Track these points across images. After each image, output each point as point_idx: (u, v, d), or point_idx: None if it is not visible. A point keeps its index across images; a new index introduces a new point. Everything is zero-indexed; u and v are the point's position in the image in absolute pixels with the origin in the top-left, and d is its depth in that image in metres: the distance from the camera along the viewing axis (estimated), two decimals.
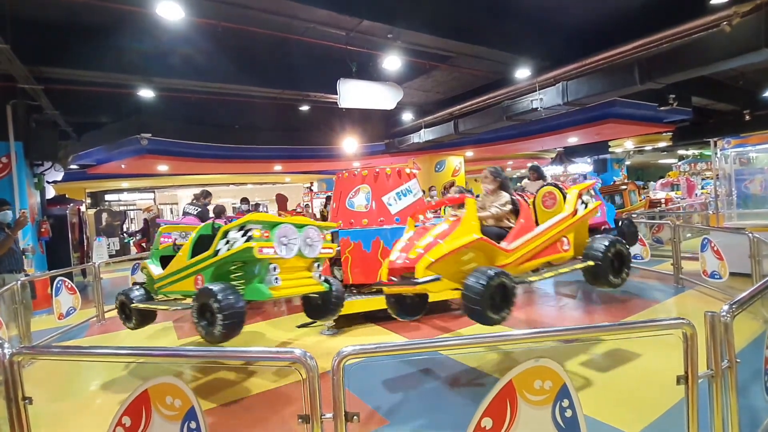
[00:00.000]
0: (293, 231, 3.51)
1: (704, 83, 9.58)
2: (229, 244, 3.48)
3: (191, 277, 3.75)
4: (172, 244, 4.50)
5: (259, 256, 3.27)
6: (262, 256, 3.29)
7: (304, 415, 1.69)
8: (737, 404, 1.97)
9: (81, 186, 15.77)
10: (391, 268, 3.46)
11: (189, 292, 3.80)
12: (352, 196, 5.50)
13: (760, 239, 4.63)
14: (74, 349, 3.35)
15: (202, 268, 3.66)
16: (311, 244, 3.61)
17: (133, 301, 4.18)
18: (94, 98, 8.82)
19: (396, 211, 5.37)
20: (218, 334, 3.16)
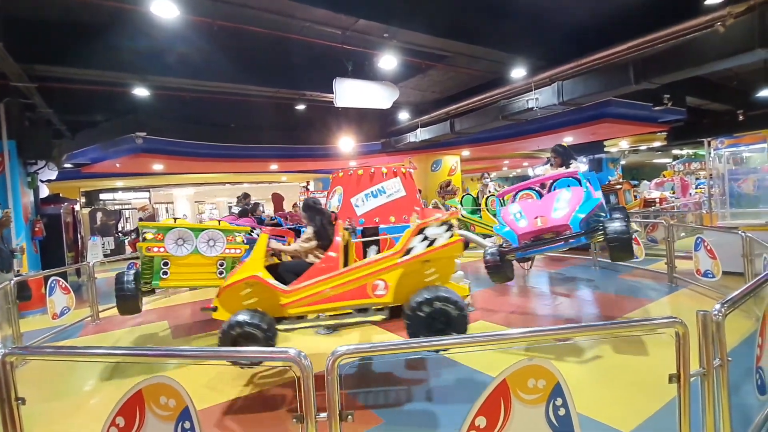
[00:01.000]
0: (188, 234, 4.44)
1: (698, 83, 9.64)
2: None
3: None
4: None
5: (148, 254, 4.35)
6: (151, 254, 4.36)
7: (299, 415, 1.69)
8: (729, 402, 1.99)
9: (75, 185, 15.66)
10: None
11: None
12: (331, 197, 5.58)
13: (752, 238, 4.67)
14: (67, 349, 3.33)
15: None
16: (213, 245, 4.50)
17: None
18: (88, 97, 8.75)
19: (361, 212, 5.35)
20: None
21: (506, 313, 5.38)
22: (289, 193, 18.85)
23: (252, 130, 11.98)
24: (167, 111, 10.26)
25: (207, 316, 6.20)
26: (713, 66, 6.33)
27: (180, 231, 4.44)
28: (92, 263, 6.50)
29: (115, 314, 6.48)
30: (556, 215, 4.11)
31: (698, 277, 5.56)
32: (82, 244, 11.26)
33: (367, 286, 3.26)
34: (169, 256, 4.42)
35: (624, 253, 3.98)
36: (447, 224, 3.30)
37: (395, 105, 8.85)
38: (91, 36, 6.71)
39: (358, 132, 12.44)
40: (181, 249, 4.45)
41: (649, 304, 5.35)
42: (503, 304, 5.73)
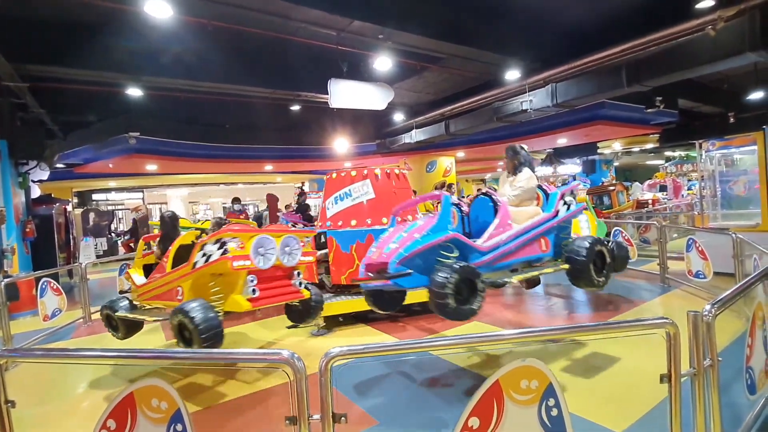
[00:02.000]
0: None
1: (690, 86, 9.75)
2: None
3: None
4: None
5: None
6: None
7: (292, 417, 1.69)
8: (719, 402, 2.01)
9: (68, 185, 15.51)
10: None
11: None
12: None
13: (743, 239, 4.73)
14: (58, 351, 3.30)
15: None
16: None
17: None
18: (81, 97, 8.67)
19: (330, 214, 5.37)
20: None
21: (499, 314, 5.40)
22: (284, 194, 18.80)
23: (247, 130, 11.94)
24: (161, 111, 10.19)
25: None
26: (704, 69, 6.40)
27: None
28: (84, 264, 6.44)
29: None
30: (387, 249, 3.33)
31: (690, 277, 5.61)
32: (74, 244, 11.16)
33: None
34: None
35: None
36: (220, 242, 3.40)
37: (390, 106, 8.85)
38: (84, 36, 6.65)
39: (353, 133, 12.44)
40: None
41: (642, 304, 5.39)
42: (497, 305, 5.75)
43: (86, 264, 6.50)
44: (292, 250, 3.65)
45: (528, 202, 3.87)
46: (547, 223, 3.70)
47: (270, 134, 12.28)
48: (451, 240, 3.26)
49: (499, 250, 3.45)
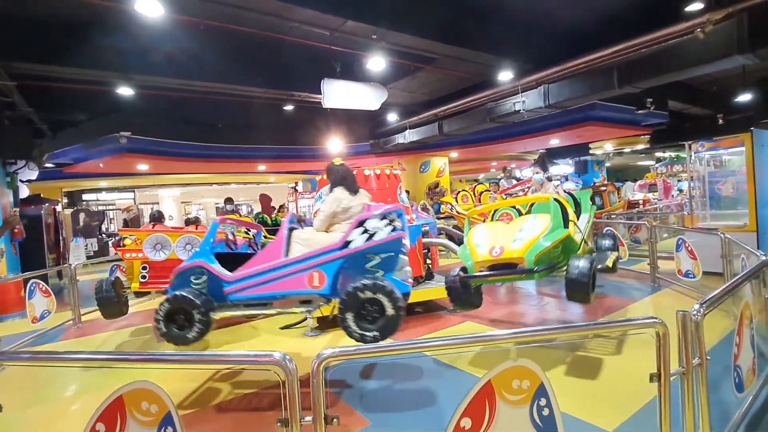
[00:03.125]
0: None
1: (680, 88, 9.87)
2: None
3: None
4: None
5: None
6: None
7: (283, 419, 1.68)
8: (708, 400, 2.03)
9: (57, 185, 15.30)
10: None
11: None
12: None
13: (731, 240, 4.79)
14: (46, 354, 3.25)
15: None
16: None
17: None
18: (70, 95, 8.56)
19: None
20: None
21: (492, 314, 5.43)
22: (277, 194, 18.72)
23: (239, 130, 11.86)
24: (152, 110, 10.10)
25: None
26: (693, 71, 6.48)
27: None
28: (74, 265, 6.35)
29: (97, 317, 6.36)
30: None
31: (680, 277, 5.68)
32: (63, 245, 11.01)
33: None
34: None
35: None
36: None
37: (384, 106, 8.85)
38: (74, 33, 6.57)
39: (347, 133, 12.42)
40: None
41: (632, 304, 5.44)
42: (489, 306, 5.77)
43: (76, 265, 6.42)
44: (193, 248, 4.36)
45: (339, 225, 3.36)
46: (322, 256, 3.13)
47: (263, 134, 12.22)
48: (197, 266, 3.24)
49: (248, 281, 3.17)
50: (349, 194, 3.43)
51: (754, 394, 2.73)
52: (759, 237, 6.12)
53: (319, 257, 3.15)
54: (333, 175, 3.58)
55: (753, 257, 3.65)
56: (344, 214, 3.33)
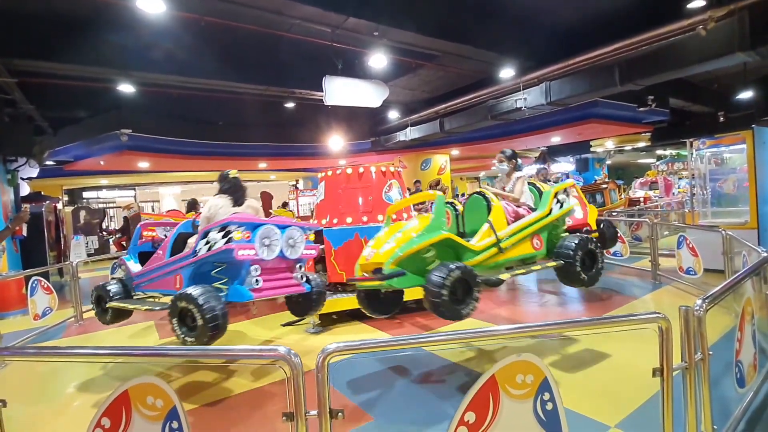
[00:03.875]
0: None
1: (681, 85, 9.86)
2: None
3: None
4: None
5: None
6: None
7: (289, 413, 1.69)
8: (710, 395, 2.04)
9: (58, 183, 15.30)
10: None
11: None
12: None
13: (732, 237, 4.80)
14: (50, 350, 3.26)
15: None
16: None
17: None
18: (71, 92, 8.54)
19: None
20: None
21: (494, 310, 5.44)
22: (278, 192, 18.72)
23: (240, 127, 11.85)
24: (153, 108, 10.09)
25: None
26: (695, 68, 6.48)
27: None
28: (75, 263, 6.37)
29: None
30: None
31: (681, 274, 5.69)
32: (64, 243, 11.03)
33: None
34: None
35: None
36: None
37: (385, 104, 8.84)
38: (75, 30, 6.56)
39: (348, 130, 12.40)
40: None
41: (634, 300, 5.46)
42: (491, 301, 5.79)
43: (77, 262, 6.43)
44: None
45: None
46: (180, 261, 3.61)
47: (264, 131, 12.21)
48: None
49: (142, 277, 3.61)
50: (230, 203, 3.78)
51: (755, 390, 2.74)
52: (760, 234, 6.13)
53: (179, 262, 3.58)
54: (222, 183, 3.93)
55: (754, 254, 3.65)
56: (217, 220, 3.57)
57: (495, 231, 3.54)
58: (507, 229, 3.67)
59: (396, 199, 5.58)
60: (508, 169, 4.27)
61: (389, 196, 5.64)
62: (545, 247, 3.91)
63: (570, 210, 4.11)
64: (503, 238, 3.57)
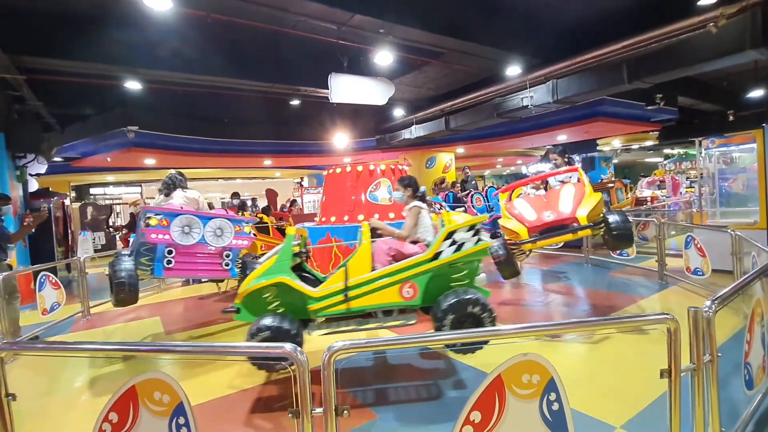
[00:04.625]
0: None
1: (690, 83, 9.74)
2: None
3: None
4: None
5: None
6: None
7: (294, 410, 1.69)
8: (718, 397, 2.02)
9: (65, 179, 15.45)
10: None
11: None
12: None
13: (741, 237, 4.74)
14: (58, 344, 3.29)
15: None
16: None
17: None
18: (78, 89, 8.61)
19: None
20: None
21: (500, 309, 5.42)
22: (283, 189, 18.76)
23: (246, 125, 11.88)
24: (159, 105, 10.14)
25: (199, 310, 6.17)
26: (705, 66, 6.40)
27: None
28: (83, 258, 6.42)
29: (106, 310, 6.44)
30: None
31: (688, 274, 5.63)
32: (72, 238, 11.13)
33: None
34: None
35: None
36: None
37: (390, 101, 8.82)
38: (82, 27, 6.60)
39: (353, 128, 12.40)
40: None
41: (640, 300, 5.41)
42: (497, 301, 5.77)
43: (84, 258, 6.49)
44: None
45: None
46: None
47: (269, 129, 12.23)
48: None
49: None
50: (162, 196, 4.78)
51: (763, 392, 2.71)
52: None
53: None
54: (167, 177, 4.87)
55: (764, 255, 3.61)
56: None
57: (347, 276, 3.19)
58: (368, 274, 3.24)
59: (383, 199, 5.54)
60: (405, 198, 3.73)
61: (374, 195, 5.57)
62: (421, 296, 3.28)
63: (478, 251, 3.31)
64: (354, 285, 3.20)
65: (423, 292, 3.27)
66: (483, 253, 3.34)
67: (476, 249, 3.28)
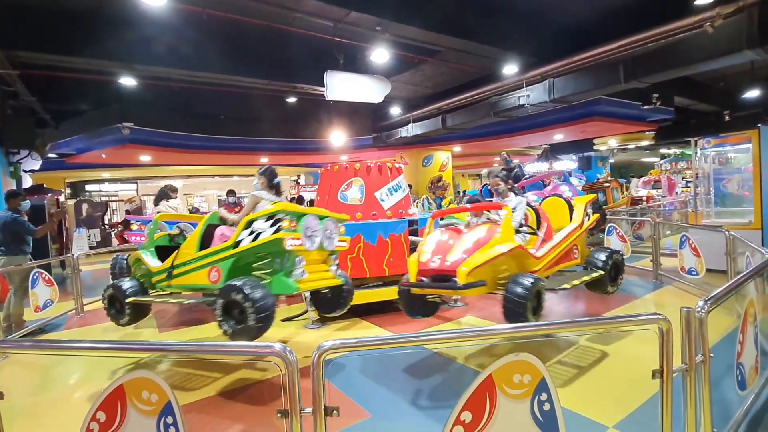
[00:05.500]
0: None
1: (686, 83, 9.77)
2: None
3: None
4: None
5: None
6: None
7: (283, 410, 1.67)
8: (710, 397, 2.02)
9: (60, 175, 15.34)
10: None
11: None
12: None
13: (735, 237, 4.75)
14: (48, 343, 3.26)
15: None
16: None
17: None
18: (73, 85, 8.55)
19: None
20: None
21: (493, 308, 5.41)
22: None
23: (242, 122, 11.83)
24: (155, 101, 10.07)
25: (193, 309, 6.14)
26: (701, 66, 6.41)
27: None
28: (77, 255, 6.38)
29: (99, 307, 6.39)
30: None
31: (683, 274, 5.65)
32: (66, 235, 11.06)
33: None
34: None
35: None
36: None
37: (387, 99, 8.80)
38: (77, 23, 6.53)
39: (350, 126, 12.37)
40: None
41: (634, 300, 5.43)
42: (491, 300, 5.76)
43: (79, 255, 6.44)
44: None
45: None
46: None
47: (266, 126, 12.19)
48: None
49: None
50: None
51: (756, 393, 2.72)
52: (764, 235, 6.08)
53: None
54: None
55: (758, 255, 3.62)
56: None
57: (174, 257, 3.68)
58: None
59: (353, 199, 5.30)
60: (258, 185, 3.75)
61: (345, 195, 5.34)
62: (223, 281, 3.32)
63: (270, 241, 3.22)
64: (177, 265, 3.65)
65: (225, 277, 3.32)
66: (276, 245, 3.19)
67: (269, 239, 3.19)
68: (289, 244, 3.16)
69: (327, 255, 3.66)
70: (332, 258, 3.71)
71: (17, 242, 5.33)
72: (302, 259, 3.29)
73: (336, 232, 3.62)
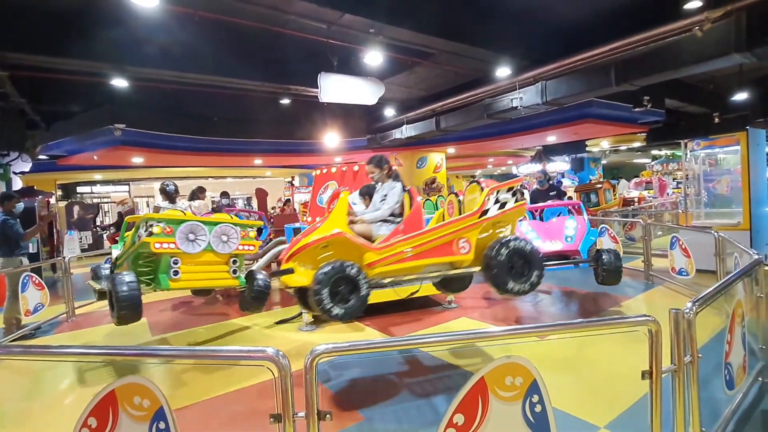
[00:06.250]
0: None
1: (677, 86, 9.87)
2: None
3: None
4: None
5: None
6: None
7: (276, 414, 1.67)
8: (698, 397, 2.05)
9: (51, 177, 15.15)
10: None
11: None
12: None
13: (724, 238, 4.82)
14: (38, 348, 3.23)
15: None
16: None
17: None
18: (63, 86, 8.45)
19: None
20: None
21: (487, 309, 5.44)
22: (274, 189, 18.65)
23: (235, 123, 11.78)
24: (147, 103, 9.99)
25: (187, 313, 6.10)
26: (691, 69, 6.48)
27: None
28: (68, 258, 6.31)
29: (91, 311, 6.34)
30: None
31: (673, 274, 5.72)
32: (57, 238, 10.94)
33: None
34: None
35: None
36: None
37: (381, 101, 8.81)
38: (67, 23, 6.47)
39: (344, 128, 12.35)
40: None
41: (626, 301, 5.48)
42: (484, 301, 5.79)
43: (70, 258, 6.37)
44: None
45: None
46: None
47: (259, 128, 12.14)
48: None
49: None
50: None
51: (744, 392, 2.76)
52: (752, 236, 6.18)
53: None
54: None
55: (746, 256, 3.67)
56: None
57: None
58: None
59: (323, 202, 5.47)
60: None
61: (321, 198, 5.54)
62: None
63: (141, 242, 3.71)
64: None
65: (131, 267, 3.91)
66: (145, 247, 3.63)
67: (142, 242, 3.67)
68: (158, 246, 3.59)
69: (227, 257, 3.96)
70: (233, 261, 4.00)
71: (9, 245, 5.37)
72: (177, 260, 3.70)
73: (236, 237, 3.92)
